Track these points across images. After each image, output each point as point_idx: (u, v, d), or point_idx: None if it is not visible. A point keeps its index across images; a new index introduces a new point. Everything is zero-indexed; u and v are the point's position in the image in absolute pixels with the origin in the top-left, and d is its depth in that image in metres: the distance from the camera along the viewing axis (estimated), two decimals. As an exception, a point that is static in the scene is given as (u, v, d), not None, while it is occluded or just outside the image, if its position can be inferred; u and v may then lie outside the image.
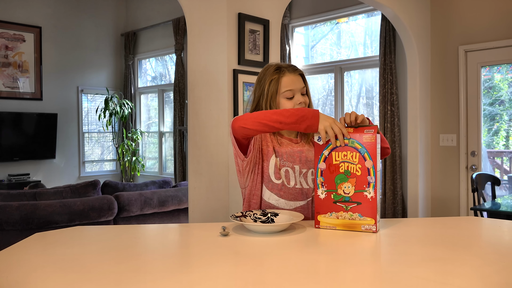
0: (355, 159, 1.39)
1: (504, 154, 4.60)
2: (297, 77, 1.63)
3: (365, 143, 1.39)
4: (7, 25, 6.25)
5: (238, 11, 2.85)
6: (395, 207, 4.58)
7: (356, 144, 1.39)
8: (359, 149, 1.39)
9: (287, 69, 1.63)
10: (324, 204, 1.43)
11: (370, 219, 1.39)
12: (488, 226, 1.53)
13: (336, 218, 1.42)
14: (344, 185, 1.41)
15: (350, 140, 1.40)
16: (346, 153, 1.41)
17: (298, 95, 1.62)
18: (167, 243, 1.37)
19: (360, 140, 1.39)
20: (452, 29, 4.34)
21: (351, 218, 1.40)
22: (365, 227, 1.39)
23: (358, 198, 1.39)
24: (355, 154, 1.39)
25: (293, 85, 1.61)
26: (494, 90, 4.31)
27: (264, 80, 1.64)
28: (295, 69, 1.65)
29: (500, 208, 3.00)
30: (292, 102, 1.61)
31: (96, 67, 7.29)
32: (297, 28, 5.72)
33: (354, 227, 1.40)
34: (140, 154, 7.47)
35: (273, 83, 1.61)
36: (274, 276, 1.00)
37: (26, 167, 6.47)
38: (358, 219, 1.39)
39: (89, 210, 3.48)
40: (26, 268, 1.07)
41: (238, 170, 1.67)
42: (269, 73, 1.64)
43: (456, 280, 0.95)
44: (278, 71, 1.63)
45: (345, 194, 1.41)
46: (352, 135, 1.40)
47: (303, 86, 1.64)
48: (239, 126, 1.49)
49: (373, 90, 5.20)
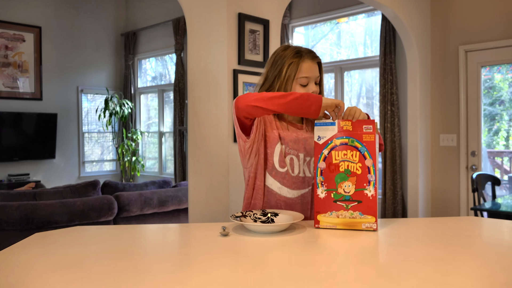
0: (355, 158, 1.40)
1: (504, 154, 4.60)
2: (315, 65, 1.60)
3: (365, 142, 1.39)
4: (7, 25, 6.25)
5: (238, 11, 2.85)
6: (395, 207, 4.58)
7: (356, 143, 1.40)
8: (359, 148, 1.39)
9: (308, 55, 1.59)
10: (324, 204, 1.43)
11: (370, 217, 1.39)
12: (488, 226, 1.53)
13: (337, 217, 1.41)
14: (344, 184, 1.41)
15: (350, 139, 1.40)
16: (346, 152, 1.41)
17: (312, 83, 1.60)
18: (167, 243, 1.37)
19: (360, 139, 1.39)
20: (452, 29, 4.34)
21: (351, 216, 1.40)
22: (366, 225, 1.39)
23: (358, 196, 1.40)
24: (355, 153, 1.40)
25: (310, 73, 1.58)
26: (494, 90, 4.31)
27: (283, 61, 1.59)
28: (314, 56, 1.61)
29: (500, 208, 3.00)
30: (305, 90, 1.59)
31: (96, 67, 7.29)
32: (297, 28, 5.72)
33: (354, 226, 1.40)
34: (140, 154, 7.47)
35: (292, 67, 1.57)
36: (274, 276, 1.00)
37: (26, 167, 6.47)
38: (359, 218, 1.40)
39: (89, 210, 3.48)
40: (26, 268, 1.07)
41: (240, 151, 1.63)
42: (288, 55, 1.59)
43: (456, 280, 0.95)
44: (298, 55, 1.58)
45: (345, 193, 1.41)
46: (352, 133, 1.41)
47: (318, 75, 1.62)
48: (245, 105, 1.44)
49: (373, 90, 5.20)
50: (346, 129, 1.41)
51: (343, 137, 1.41)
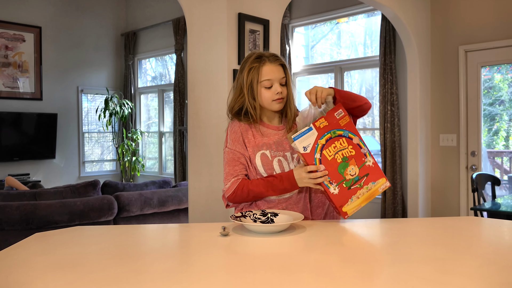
0: (344, 143, 1.51)
1: (504, 154, 4.60)
2: (277, 67, 1.63)
3: (344, 126, 1.50)
4: (7, 25, 6.25)
5: (238, 11, 2.85)
6: (395, 207, 4.58)
7: (338, 132, 1.50)
8: (342, 134, 1.50)
9: (268, 59, 1.63)
10: (341, 196, 1.50)
11: (381, 179, 1.52)
12: (488, 226, 1.53)
13: (357, 199, 1.50)
14: (348, 169, 1.50)
15: (332, 132, 1.50)
16: (335, 144, 1.50)
17: (276, 85, 1.62)
18: (167, 243, 1.37)
19: (338, 127, 1.50)
20: (452, 29, 4.34)
21: (368, 189, 1.51)
22: (381, 187, 1.51)
23: (364, 171, 1.51)
24: (342, 140, 1.50)
25: (272, 75, 1.62)
26: (494, 90, 4.31)
27: (245, 67, 1.65)
28: (276, 58, 1.65)
29: (500, 208, 3.00)
30: (271, 92, 1.62)
31: (96, 67, 7.29)
32: (297, 28, 5.72)
33: (374, 194, 1.52)
34: (140, 154, 7.47)
35: (253, 71, 1.62)
36: (274, 276, 1.00)
37: (26, 167, 6.47)
38: (373, 186, 1.51)
39: (89, 210, 3.48)
40: (26, 268, 1.07)
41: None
42: (250, 61, 1.64)
43: (456, 280, 0.95)
44: (259, 60, 1.63)
45: (353, 176, 1.50)
46: (329, 126, 1.50)
47: (283, 76, 1.64)
48: (243, 200, 1.64)
49: (373, 90, 5.20)
50: (323, 126, 1.50)
51: (325, 134, 1.49)
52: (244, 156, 1.65)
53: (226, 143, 1.69)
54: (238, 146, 1.65)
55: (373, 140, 5.20)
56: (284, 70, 1.65)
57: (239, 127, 1.67)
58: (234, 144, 1.66)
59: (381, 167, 4.69)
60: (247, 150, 1.65)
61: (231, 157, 1.66)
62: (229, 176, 1.65)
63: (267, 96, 1.62)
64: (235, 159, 1.65)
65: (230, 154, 1.67)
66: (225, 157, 1.69)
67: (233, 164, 1.66)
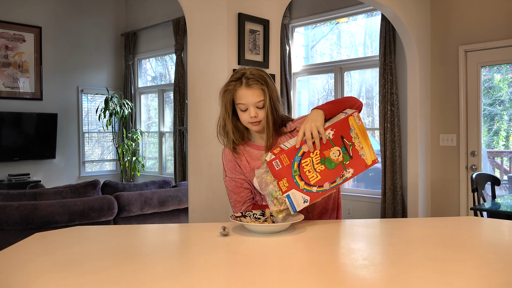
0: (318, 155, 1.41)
1: (504, 154, 4.60)
2: (252, 91, 1.54)
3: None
4: (7, 25, 6.25)
5: (238, 11, 2.85)
6: (395, 207, 4.58)
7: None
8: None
9: (246, 82, 1.55)
10: (357, 163, 1.44)
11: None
12: (488, 226, 1.53)
13: (361, 148, 1.44)
14: (331, 153, 1.41)
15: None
16: (307, 160, 1.40)
17: (251, 108, 1.55)
18: (167, 243, 1.37)
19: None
20: (452, 29, 4.34)
21: (361, 131, 1.45)
22: (357, 120, 1.45)
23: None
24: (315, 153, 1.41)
25: (245, 99, 1.55)
26: (494, 90, 4.31)
27: (224, 88, 1.60)
28: (256, 81, 1.55)
29: (500, 208, 3.00)
30: (247, 114, 1.57)
31: (96, 67, 7.29)
32: (297, 28, 5.72)
33: (363, 131, 1.45)
34: (140, 154, 7.47)
35: (228, 94, 1.57)
36: (274, 276, 1.00)
37: (26, 167, 6.47)
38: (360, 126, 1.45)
39: (89, 210, 3.48)
40: (26, 268, 1.07)
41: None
42: (228, 82, 1.59)
43: (456, 280, 0.95)
44: (234, 83, 1.56)
45: (342, 153, 1.42)
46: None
47: (260, 100, 1.54)
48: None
49: (373, 90, 5.20)
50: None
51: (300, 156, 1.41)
52: (246, 181, 1.66)
53: (225, 173, 1.69)
54: (237, 173, 1.66)
55: (373, 140, 5.21)
56: (267, 91, 1.56)
57: (232, 155, 1.66)
58: (232, 173, 1.67)
59: (381, 167, 4.70)
60: (245, 175, 1.66)
61: (233, 185, 1.67)
62: (237, 204, 1.67)
63: (243, 118, 1.58)
64: (238, 186, 1.67)
65: (232, 183, 1.68)
66: (227, 186, 1.69)
67: (238, 191, 1.67)
